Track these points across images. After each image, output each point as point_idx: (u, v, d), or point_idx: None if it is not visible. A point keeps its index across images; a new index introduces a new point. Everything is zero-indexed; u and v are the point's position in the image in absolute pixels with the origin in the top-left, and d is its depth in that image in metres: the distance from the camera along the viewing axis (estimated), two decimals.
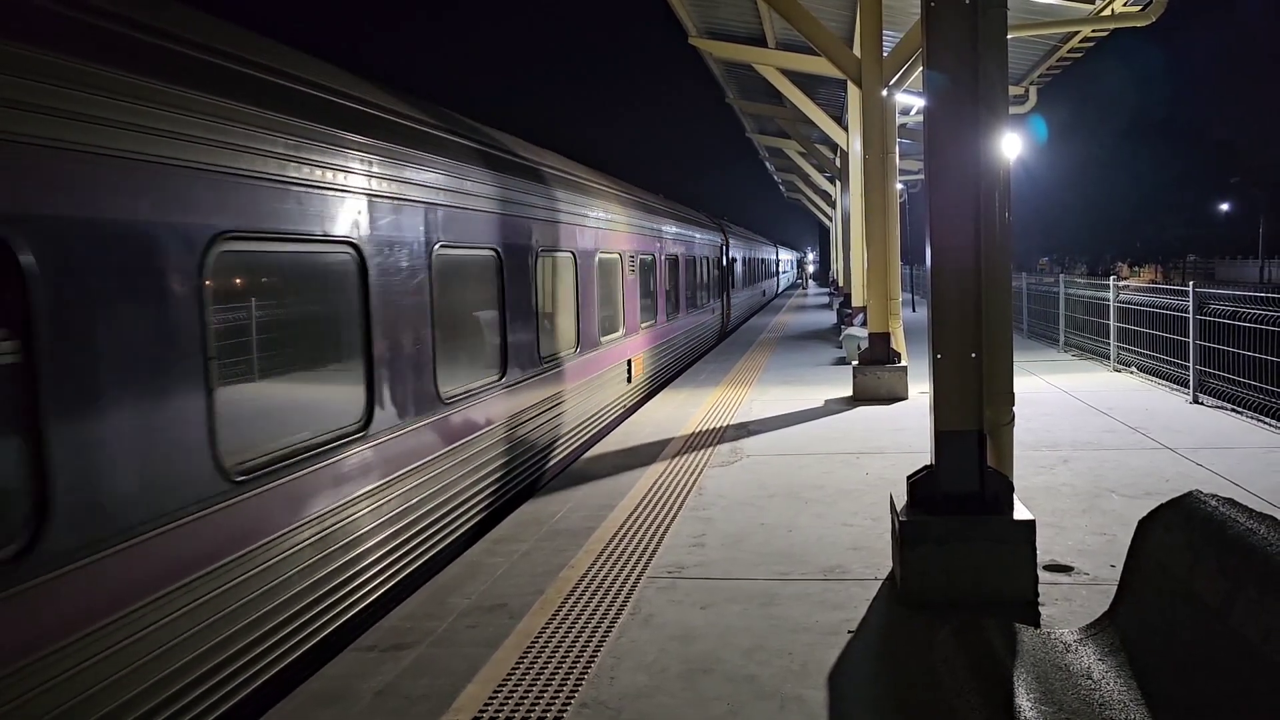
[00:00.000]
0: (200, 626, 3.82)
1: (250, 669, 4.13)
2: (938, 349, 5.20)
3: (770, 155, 40.91)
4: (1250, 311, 9.96)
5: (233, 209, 4.14)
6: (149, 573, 3.58)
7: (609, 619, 4.90)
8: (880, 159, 12.27)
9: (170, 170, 3.76)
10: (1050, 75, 19.55)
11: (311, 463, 4.67)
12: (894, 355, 12.12)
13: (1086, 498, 6.87)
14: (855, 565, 5.60)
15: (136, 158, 3.59)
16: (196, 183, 3.91)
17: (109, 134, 3.46)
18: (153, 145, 3.67)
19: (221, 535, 3.98)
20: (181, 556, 3.75)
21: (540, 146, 10.15)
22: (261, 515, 4.26)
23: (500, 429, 7.39)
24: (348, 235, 5.14)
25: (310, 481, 4.66)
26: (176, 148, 3.79)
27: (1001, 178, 5.18)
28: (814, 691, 4.01)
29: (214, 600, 3.91)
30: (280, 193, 4.50)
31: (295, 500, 4.54)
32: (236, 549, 4.07)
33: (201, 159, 3.93)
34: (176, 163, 3.79)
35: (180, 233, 3.83)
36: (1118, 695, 3.02)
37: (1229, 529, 3.01)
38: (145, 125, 3.63)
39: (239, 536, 4.09)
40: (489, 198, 7.37)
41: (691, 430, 10.11)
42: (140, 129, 3.60)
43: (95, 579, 3.33)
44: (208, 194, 3.98)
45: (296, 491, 4.54)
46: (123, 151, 3.53)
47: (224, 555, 3.99)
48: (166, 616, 3.64)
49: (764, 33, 18.56)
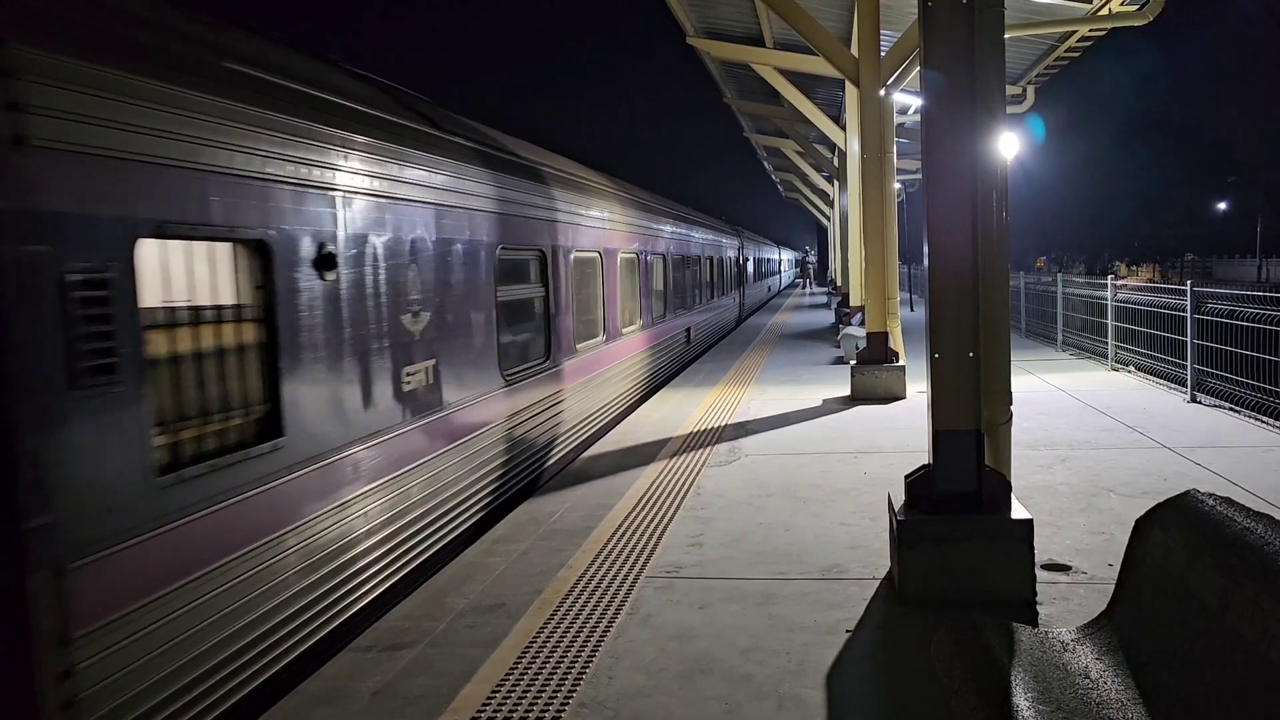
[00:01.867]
0: (489, 455, 7.14)
1: (504, 491, 7.45)
2: (935, 348, 5.20)
3: (768, 155, 40.88)
4: (1248, 310, 9.97)
5: (510, 235, 7.74)
6: (481, 418, 6.97)
7: (607, 619, 4.90)
8: (878, 158, 12.27)
9: (476, 216, 7.04)
10: (1048, 75, 19.55)
11: (532, 373, 8.30)
12: (892, 355, 12.12)
13: (1084, 497, 6.87)
14: (853, 565, 5.60)
15: (480, 211, 7.14)
16: (486, 221, 7.24)
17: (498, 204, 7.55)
18: (498, 205, 7.53)
19: (503, 406, 7.46)
20: (490, 416, 7.15)
21: (645, 189, 16.88)
22: (517, 397, 7.83)
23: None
24: (540, 246, 8.68)
25: (533, 383, 8.29)
26: (497, 205, 7.51)
27: (999, 177, 5.18)
28: (811, 691, 4.01)
29: (506, 437, 7.52)
30: (528, 224, 8.32)
31: (527, 390, 8.12)
32: (510, 414, 7.62)
33: (489, 208, 7.30)
34: (480, 211, 7.14)
35: (484, 246, 7.16)
36: (1116, 694, 3.02)
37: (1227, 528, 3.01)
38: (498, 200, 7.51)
39: (509, 409, 7.62)
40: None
41: (689, 430, 10.11)
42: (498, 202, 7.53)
43: (473, 413, 6.81)
44: (493, 228, 7.38)
45: (528, 387, 8.13)
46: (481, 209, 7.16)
47: (502, 417, 7.44)
48: (487, 444, 7.11)
49: (762, 32, 18.55)
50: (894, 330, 12.34)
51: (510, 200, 7.82)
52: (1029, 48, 17.68)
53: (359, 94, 5.78)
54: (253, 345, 4.39)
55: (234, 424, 4.25)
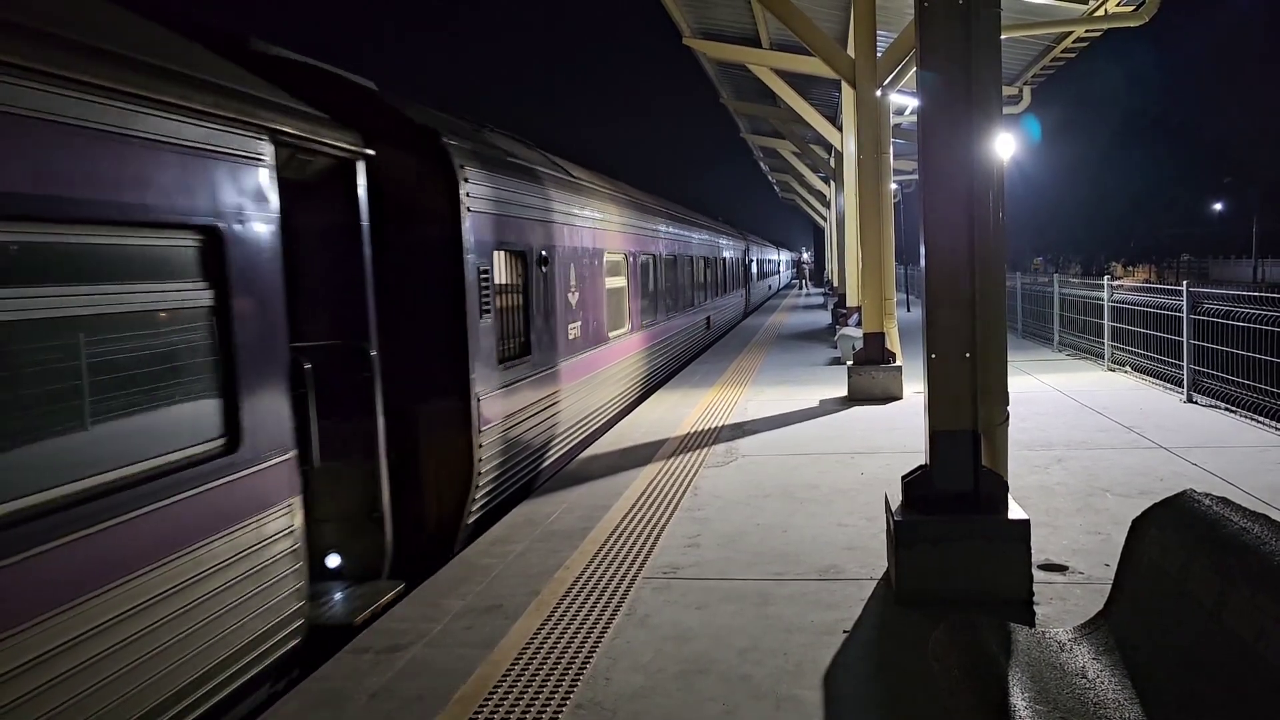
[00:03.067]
0: (627, 371, 11.80)
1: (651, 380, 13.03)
2: (932, 349, 5.20)
3: (764, 155, 40.94)
4: (1244, 311, 9.99)
5: (645, 244, 14.09)
6: (616, 353, 11.35)
7: (604, 620, 4.90)
8: (874, 159, 12.27)
9: (606, 232, 11.27)
10: (1044, 75, 19.58)
11: (651, 325, 14.32)
12: (889, 355, 12.13)
13: (1081, 497, 6.88)
14: (850, 565, 5.60)
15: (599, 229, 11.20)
16: (621, 237, 11.91)
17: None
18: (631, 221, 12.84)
19: (638, 341, 12.94)
20: (628, 349, 12.01)
21: (690, 206, 24.19)
22: (651, 337, 14.09)
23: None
24: (652, 252, 14.00)
25: (662, 326, 15.12)
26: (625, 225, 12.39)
27: (996, 177, 5.18)
28: (809, 691, 4.01)
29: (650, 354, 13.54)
30: (647, 238, 14.49)
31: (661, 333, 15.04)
32: (646, 345, 13.59)
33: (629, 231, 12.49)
34: (608, 228, 11.39)
35: (596, 252, 10.83)
36: (1112, 694, 3.03)
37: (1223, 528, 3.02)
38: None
39: (645, 344, 13.38)
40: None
41: (686, 431, 10.11)
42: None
43: (595, 364, 10.53)
44: (631, 241, 12.53)
45: (659, 331, 14.85)
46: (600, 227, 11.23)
47: (638, 348, 12.77)
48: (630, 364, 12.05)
49: (758, 33, 18.57)
50: (891, 331, 12.35)
51: (639, 225, 13.53)
52: (1025, 48, 17.72)
53: (582, 176, 11.21)
54: (522, 305, 8.17)
55: (529, 341, 8.19)
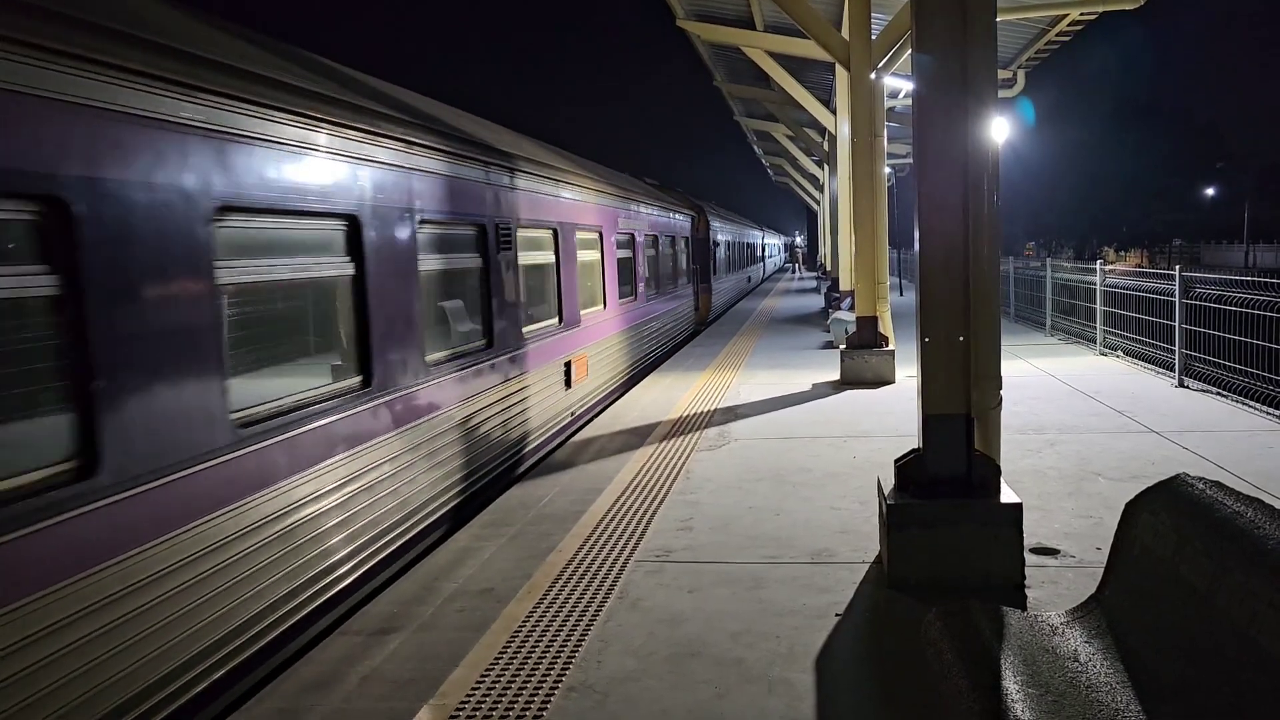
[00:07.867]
0: (666, 327, 17.59)
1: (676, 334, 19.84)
2: (925, 332, 5.19)
3: (758, 139, 40.73)
4: (1236, 295, 10.00)
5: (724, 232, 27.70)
6: (661, 310, 16.99)
7: (596, 603, 4.90)
8: (868, 142, 12.23)
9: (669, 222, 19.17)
10: (1039, 59, 19.53)
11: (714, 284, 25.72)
12: (881, 339, 12.12)
13: (1073, 481, 6.90)
14: (842, 548, 5.61)
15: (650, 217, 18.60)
16: (682, 232, 20.88)
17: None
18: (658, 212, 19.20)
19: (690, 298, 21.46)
20: (677, 310, 19.02)
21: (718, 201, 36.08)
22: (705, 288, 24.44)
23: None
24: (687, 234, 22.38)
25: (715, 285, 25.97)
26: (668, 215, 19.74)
27: (990, 162, 5.15)
28: (801, 674, 4.02)
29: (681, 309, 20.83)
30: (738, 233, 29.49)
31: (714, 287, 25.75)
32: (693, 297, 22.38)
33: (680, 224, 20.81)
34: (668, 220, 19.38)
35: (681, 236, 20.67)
36: (1105, 677, 3.03)
37: (1215, 512, 3.02)
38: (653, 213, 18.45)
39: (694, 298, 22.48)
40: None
41: (678, 414, 10.10)
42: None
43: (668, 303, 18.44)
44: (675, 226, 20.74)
45: (712, 289, 25.43)
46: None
47: (685, 299, 20.45)
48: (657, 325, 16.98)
49: (752, 15, 18.45)
50: (883, 315, 12.34)
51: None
52: (1020, 31, 17.65)
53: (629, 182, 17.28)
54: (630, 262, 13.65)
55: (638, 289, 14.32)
